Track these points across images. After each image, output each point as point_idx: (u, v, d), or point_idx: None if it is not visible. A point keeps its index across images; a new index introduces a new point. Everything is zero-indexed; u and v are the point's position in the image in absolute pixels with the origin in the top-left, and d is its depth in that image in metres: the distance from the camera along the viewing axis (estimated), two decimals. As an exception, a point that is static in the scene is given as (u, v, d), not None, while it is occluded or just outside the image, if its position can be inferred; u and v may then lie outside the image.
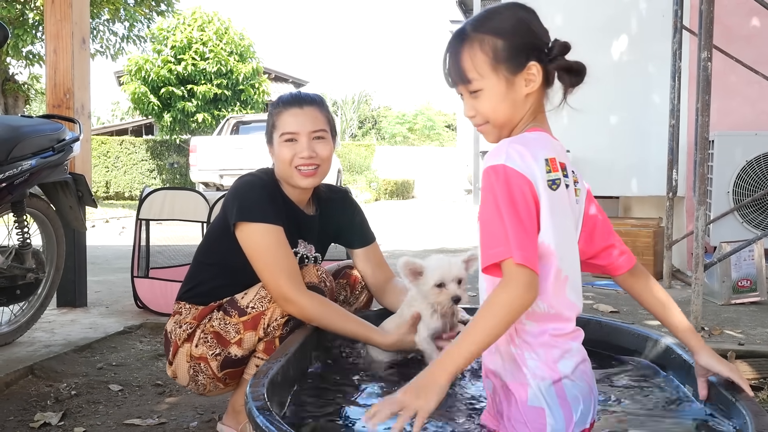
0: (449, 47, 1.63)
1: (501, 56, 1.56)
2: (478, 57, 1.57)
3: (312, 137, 2.32)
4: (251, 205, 2.24)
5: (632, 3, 6.21)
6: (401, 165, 28.90)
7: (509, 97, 1.58)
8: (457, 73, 1.61)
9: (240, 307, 2.24)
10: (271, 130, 2.37)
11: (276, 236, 2.22)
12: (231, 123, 16.50)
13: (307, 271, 2.28)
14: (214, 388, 2.35)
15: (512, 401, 1.55)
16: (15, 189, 3.18)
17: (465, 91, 1.62)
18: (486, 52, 1.57)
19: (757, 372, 3.02)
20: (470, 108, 1.63)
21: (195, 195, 4.48)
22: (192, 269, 2.48)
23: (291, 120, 2.32)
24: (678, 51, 5.16)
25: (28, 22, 16.48)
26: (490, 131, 1.64)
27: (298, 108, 2.34)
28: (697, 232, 3.73)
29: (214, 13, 22.56)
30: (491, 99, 1.58)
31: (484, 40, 1.57)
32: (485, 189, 1.50)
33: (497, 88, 1.57)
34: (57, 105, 4.42)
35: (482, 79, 1.57)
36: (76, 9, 4.45)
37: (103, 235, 10.08)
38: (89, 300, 4.66)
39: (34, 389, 3.01)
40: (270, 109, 2.42)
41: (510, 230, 1.42)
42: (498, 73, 1.56)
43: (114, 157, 23.28)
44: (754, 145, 5.17)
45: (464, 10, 15.70)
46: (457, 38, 1.62)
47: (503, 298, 1.41)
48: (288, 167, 2.31)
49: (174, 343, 2.35)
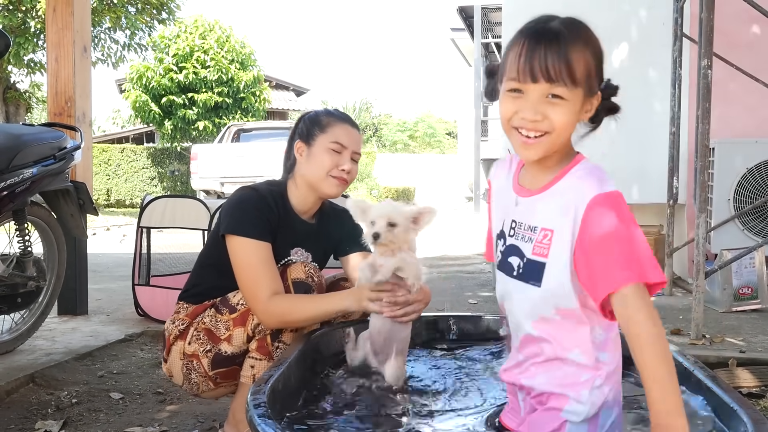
0: (558, 37, 1.46)
1: (591, 74, 1.49)
2: (581, 65, 1.46)
3: (353, 155, 2.42)
4: (241, 219, 2.29)
5: (632, 11, 6.22)
6: (402, 172, 28.92)
7: (576, 120, 1.52)
8: (563, 69, 1.44)
9: (231, 305, 2.32)
10: (314, 132, 2.41)
11: (259, 252, 2.26)
12: (232, 131, 16.51)
13: (294, 268, 2.31)
14: (207, 387, 2.38)
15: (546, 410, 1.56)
16: (16, 197, 3.19)
17: (544, 91, 1.46)
18: (586, 63, 1.48)
19: (759, 380, 3.02)
20: (537, 112, 1.46)
21: (196, 203, 4.49)
22: (193, 270, 2.56)
23: (344, 133, 2.40)
24: (678, 59, 5.17)
25: (29, 30, 16.52)
26: (542, 145, 1.50)
27: (351, 126, 2.44)
28: (697, 239, 3.73)
29: (216, 22, 22.62)
30: (569, 113, 1.48)
31: (587, 51, 1.48)
32: (616, 214, 1.43)
33: (577, 105, 1.49)
34: (58, 113, 4.43)
35: (574, 89, 1.46)
36: (77, 17, 4.46)
37: (104, 242, 10.08)
38: (90, 308, 4.66)
39: (34, 397, 3.01)
40: (313, 115, 2.48)
41: (644, 253, 1.42)
42: (582, 90, 1.48)
43: (115, 164, 23.31)
44: (755, 152, 5.17)
45: (465, 17, 15.73)
46: (563, 32, 1.47)
47: (657, 329, 1.40)
48: (324, 174, 2.38)
49: (167, 339, 2.42)
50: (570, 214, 1.48)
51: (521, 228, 1.59)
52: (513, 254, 1.61)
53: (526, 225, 1.58)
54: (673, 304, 4.93)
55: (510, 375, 1.67)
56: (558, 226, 1.50)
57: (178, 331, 2.39)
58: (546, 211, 1.54)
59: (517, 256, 1.59)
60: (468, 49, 18.43)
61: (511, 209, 1.63)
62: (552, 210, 1.52)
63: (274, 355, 2.25)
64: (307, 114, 2.53)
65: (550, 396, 1.57)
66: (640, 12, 6.20)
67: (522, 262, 1.58)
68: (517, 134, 1.51)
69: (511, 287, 1.61)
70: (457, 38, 19.28)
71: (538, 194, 1.57)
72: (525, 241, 1.57)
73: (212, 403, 2.90)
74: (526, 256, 1.56)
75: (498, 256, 1.68)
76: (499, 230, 1.67)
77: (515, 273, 1.59)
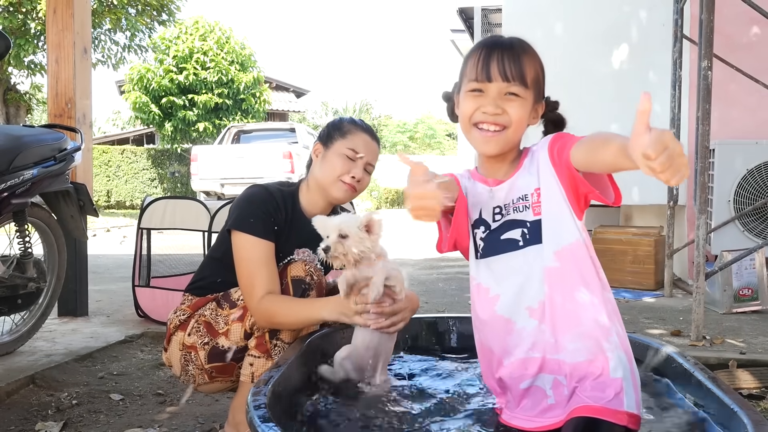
0: (511, 45, 1.71)
1: (539, 82, 1.74)
2: (532, 70, 1.70)
3: (366, 165, 2.45)
4: (247, 216, 2.33)
5: (633, 12, 6.23)
6: (402, 174, 28.85)
7: (527, 120, 1.73)
8: (517, 70, 1.67)
9: (232, 300, 2.37)
10: (335, 135, 2.45)
11: (260, 250, 2.29)
12: (232, 132, 16.52)
13: (295, 266, 2.33)
14: (202, 380, 2.41)
15: (588, 379, 1.60)
16: (17, 198, 3.19)
17: (503, 89, 1.68)
18: (535, 71, 1.72)
19: (759, 381, 3.02)
20: (498, 106, 1.68)
21: (196, 204, 4.49)
22: (202, 263, 2.62)
23: (362, 142, 2.43)
24: (678, 60, 5.18)
25: (30, 31, 16.53)
26: (501, 140, 1.71)
27: (371, 138, 2.47)
28: (698, 240, 3.73)
29: (216, 23, 22.64)
30: (523, 110, 1.70)
31: (535, 61, 1.72)
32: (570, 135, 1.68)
33: (528, 105, 1.71)
34: (58, 114, 4.44)
35: (527, 89, 1.69)
36: (77, 19, 4.46)
37: (104, 244, 10.08)
38: (90, 309, 4.66)
39: (35, 399, 3.01)
40: (337, 121, 2.51)
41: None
42: (533, 94, 1.72)
43: (115, 166, 23.32)
44: (755, 153, 5.18)
45: (465, 18, 15.72)
46: (515, 43, 1.72)
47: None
48: (334, 177, 2.40)
49: (168, 329, 2.47)
50: (542, 166, 1.70)
51: (510, 205, 1.74)
52: (511, 228, 1.73)
53: (515, 198, 1.74)
54: (674, 305, 4.93)
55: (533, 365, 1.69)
56: (540, 182, 1.70)
57: (179, 321, 2.43)
58: (525, 181, 1.73)
59: (519, 227, 1.72)
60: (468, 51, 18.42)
61: (486, 199, 1.79)
62: (529, 177, 1.73)
63: (272, 353, 2.26)
64: (337, 119, 2.57)
65: (590, 364, 1.62)
66: (640, 13, 6.20)
67: (526, 229, 1.71)
68: (477, 131, 1.72)
69: (519, 261, 1.70)
70: (458, 39, 19.27)
71: (512, 176, 1.76)
72: (522, 211, 1.72)
73: (212, 405, 2.90)
74: (528, 221, 1.71)
75: (480, 245, 1.79)
76: (475, 218, 1.80)
77: (521, 243, 1.71)
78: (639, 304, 4.99)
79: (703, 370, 1.81)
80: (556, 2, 6.59)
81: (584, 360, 1.61)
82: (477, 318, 1.80)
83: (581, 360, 1.61)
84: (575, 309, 1.64)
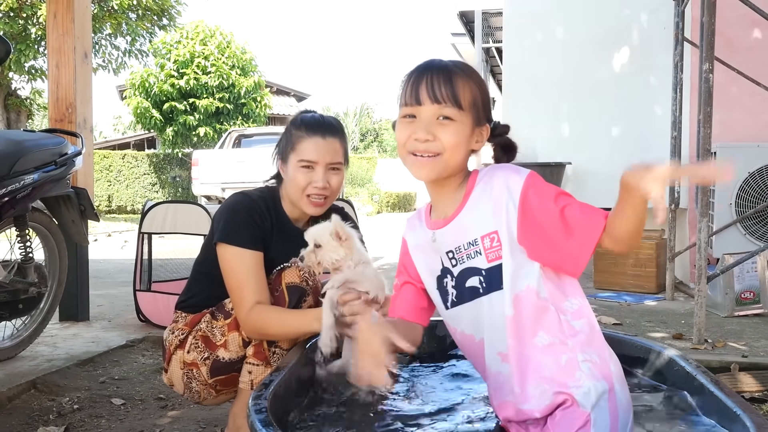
0: (443, 67, 1.62)
1: (477, 104, 1.61)
2: (467, 92, 1.59)
3: (328, 168, 2.34)
4: (233, 227, 2.28)
5: (633, 15, 6.23)
6: (403, 177, 28.87)
7: (467, 145, 1.62)
8: (449, 91, 1.57)
9: (225, 310, 2.33)
10: (287, 149, 2.37)
11: (247, 261, 2.25)
12: (233, 136, 16.52)
13: (289, 272, 2.29)
14: (208, 395, 2.39)
15: (558, 409, 1.55)
16: (17, 203, 3.19)
17: (435, 113, 1.58)
18: (472, 92, 1.60)
19: (761, 384, 3.01)
20: (429, 132, 1.58)
21: (197, 208, 4.48)
22: (190, 278, 2.54)
23: (312, 148, 2.31)
24: (679, 63, 5.18)
25: (30, 37, 16.57)
26: (436, 165, 1.60)
27: (321, 138, 2.32)
28: (699, 244, 3.72)
29: (216, 28, 22.66)
30: (458, 134, 1.59)
31: (471, 82, 1.61)
32: (546, 187, 1.55)
33: (467, 130, 1.60)
34: (59, 119, 4.44)
35: (461, 112, 1.58)
36: (78, 24, 4.47)
37: (105, 248, 10.08)
38: (91, 314, 4.66)
39: (36, 403, 3.01)
40: (290, 126, 2.40)
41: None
42: (471, 116, 1.60)
43: (116, 171, 23.35)
44: (757, 156, 5.17)
45: (465, 22, 15.74)
46: (449, 65, 1.63)
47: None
48: (300, 193, 2.33)
49: (167, 350, 2.42)
50: (503, 208, 1.55)
51: (461, 250, 1.64)
52: (469, 276, 1.64)
53: (464, 244, 1.63)
54: (675, 308, 4.93)
55: (506, 409, 1.66)
56: (499, 225, 1.56)
57: (178, 341, 2.39)
58: (475, 221, 1.60)
59: (475, 275, 1.63)
60: (469, 54, 18.43)
61: (437, 247, 1.69)
62: (481, 216, 1.59)
63: (271, 360, 2.25)
64: (292, 120, 2.45)
65: (555, 402, 1.56)
66: (641, 16, 6.21)
67: (482, 277, 1.61)
68: (412, 157, 1.62)
69: (485, 310, 1.62)
70: (458, 43, 19.27)
71: (457, 216, 1.64)
72: (474, 257, 1.61)
73: (214, 409, 2.90)
74: (483, 269, 1.60)
75: (452, 293, 1.70)
76: (439, 271, 1.71)
77: (481, 291, 1.62)
78: (641, 308, 4.98)
79: (706, 373, 1.81)
80: (556, 5, 6.60)
81: (550, 403, 1.56)
82: (475, 363, 1.79)
83: (548, 403, 1.57)
84: (535, 355, 1.57)
